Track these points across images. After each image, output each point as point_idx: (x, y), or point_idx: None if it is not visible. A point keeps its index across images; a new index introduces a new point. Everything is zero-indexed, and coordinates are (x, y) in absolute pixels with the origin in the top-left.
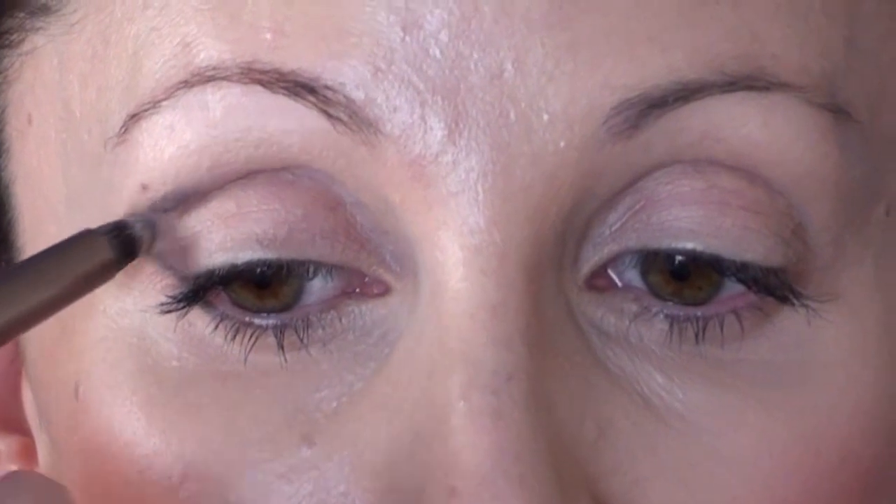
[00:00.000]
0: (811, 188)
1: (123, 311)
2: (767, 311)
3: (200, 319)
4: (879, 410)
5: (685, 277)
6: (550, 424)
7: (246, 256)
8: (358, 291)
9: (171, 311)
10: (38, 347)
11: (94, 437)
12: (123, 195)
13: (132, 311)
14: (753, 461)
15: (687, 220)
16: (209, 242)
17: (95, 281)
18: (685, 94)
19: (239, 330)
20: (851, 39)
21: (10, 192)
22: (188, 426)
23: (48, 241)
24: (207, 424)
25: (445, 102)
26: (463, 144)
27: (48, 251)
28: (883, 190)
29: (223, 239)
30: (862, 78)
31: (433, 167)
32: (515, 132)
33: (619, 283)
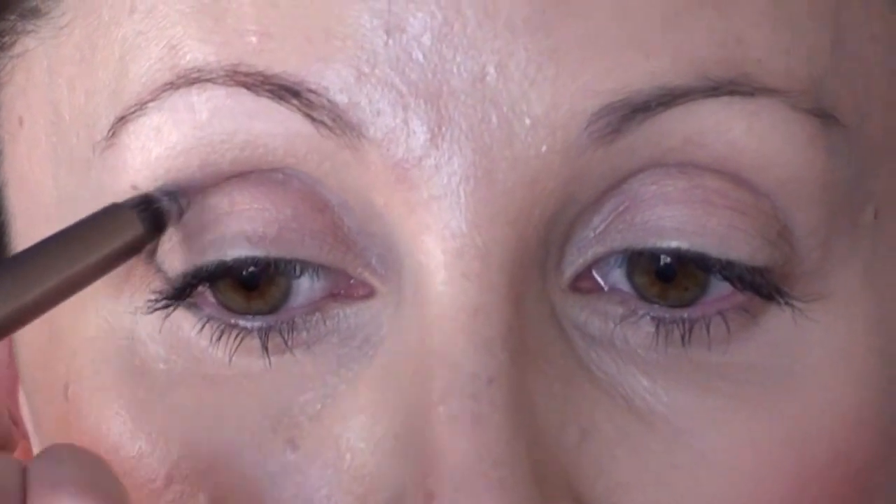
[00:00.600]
0: (797, 192)
1: (115, 311)
2: (754, 312)
3: (187, 321)
4: (869, 411)
5: (671, 279)
6: (532, 428)
7: (235, 253)
8: (343, 293)
9: (157, 308)
10: (30, 349)
11: (82, 437)
12: (114, 199)
13: (123, 312)
14: (739, 464)
15: (671, 219)
16: (200, 239)
17: (127, 254)
18: (668, 99)
19: (224, 331)
20: (838, 43)
21: (2, 195)
22: (174, 429)
23: None
24: (193, 427)
25: (428, 106)
26: (445, 148)
27: (78, 225)
28: (870, 193)
29: (214, 236)
30: (848, 82)
31: (416, 171)
32: (497, 136)
33: (604, 284)
